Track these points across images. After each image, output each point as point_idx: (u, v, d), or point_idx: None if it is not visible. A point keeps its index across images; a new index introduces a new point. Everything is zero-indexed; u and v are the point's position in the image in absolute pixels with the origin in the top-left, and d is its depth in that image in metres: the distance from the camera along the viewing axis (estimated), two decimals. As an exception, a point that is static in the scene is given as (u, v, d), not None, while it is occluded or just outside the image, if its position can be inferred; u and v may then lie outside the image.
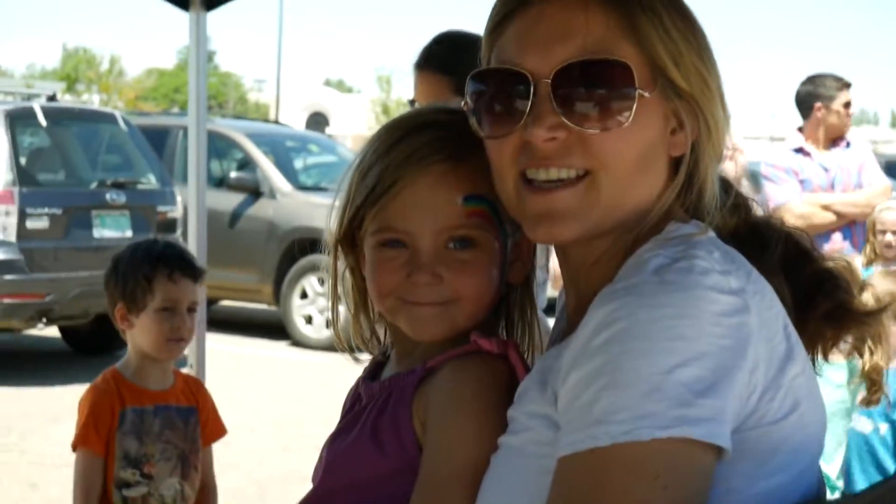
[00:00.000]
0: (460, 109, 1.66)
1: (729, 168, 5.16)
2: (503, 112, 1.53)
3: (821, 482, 1.51)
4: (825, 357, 1.60)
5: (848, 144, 6.87)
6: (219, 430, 3.73)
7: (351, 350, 1.84)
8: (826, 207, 6.63)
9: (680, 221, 1.52)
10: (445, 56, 3.39)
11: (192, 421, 3.58)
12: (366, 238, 1.70)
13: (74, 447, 3.44)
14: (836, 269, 1.63)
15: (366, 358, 1.85)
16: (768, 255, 1.58)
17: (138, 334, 3.50)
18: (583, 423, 1.35)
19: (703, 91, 1.52)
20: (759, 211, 1.66)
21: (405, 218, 1.65)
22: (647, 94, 1.48)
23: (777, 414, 1.40)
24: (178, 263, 3.54)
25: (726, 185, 1.61)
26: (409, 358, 1.72)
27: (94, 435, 3.40)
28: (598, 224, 1.50)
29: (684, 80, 1.50)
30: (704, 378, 1.32)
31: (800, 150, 6.81)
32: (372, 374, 1.81)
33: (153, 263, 3.49)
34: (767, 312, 1.42)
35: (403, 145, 1.66)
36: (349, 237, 1.74)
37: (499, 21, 1.56)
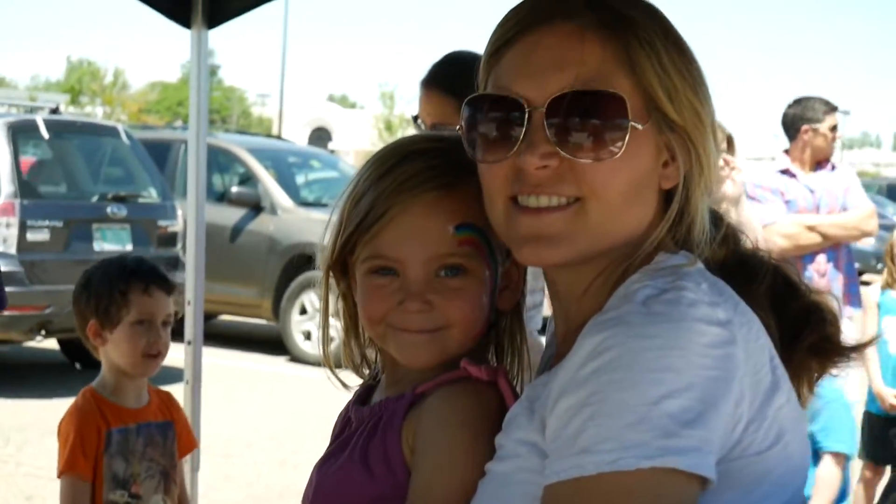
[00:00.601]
0: (452, 137, 1.67)
1: (729, 187, 5.14)
2: (497, 138, 1.54)
3: (806, 513, 1.52)
4: (811, 389, 1.61)
5: (833, 168, 6.89)
6: (191, 443, 3.71)
7: (340, 371, 1.84)
8: (811, 228, 6.65)
9: (669, 252, 1.54)
10: (452, 76, 3.39)
11: (171, 435, 3.54)
12: (357, 264, 1.71)
13: (60, 474, 3.35)
14: (822, 302, 1.64)
15: (355, 382, 1.85)
16: (756, 286, 1.58)
17: (112, 350, 3.43)
18: (569, 452, 1.35)
19: (697, 125, 1.53)
20: (748, 243, 1.67)
21: (396, 246, 1.66)
22: (640, 127, 1.49)
23: (762, 445, 1.41)
24: (153, 277, 3.49)
25: (716, 218, 1.62)
26: (400, 383, 1.72)
27: (81, 459, 3.32)
28: (585, 250, 1.51)
29: (678, 115, 1.52)
30: (691, 409, 1.33)
31: (785, 172, 6.83)
32: (362, 398, 1.81)
33: (127, 278, 3.44)
34: (754, 344, 1.43)
35: (396, 173, 1.67)
36: (341, 263, 1.75)
37: (497, 47, 1.57)
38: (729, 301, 1.46)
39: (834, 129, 6.83)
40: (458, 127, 1.62)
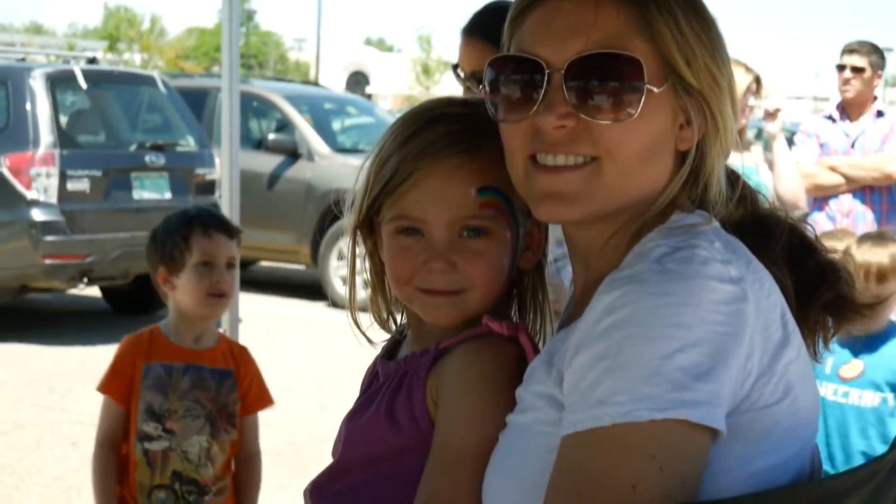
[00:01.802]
0: (476, 101, 1.72)
1: (772, 127, 5.49)
2: (518, 99, 1.58)
3: (816, 464, 1.56)
4: (826, 346, 1.65)
5: (880, 114, 6.87)
6: (263, 401, 3.80)
7: (377, 325, 1.90)
8: (833, 169, 6.65)
9: (685, 212, 1.57)
10: (493, 25, 3.39)
11: (228, 384, 3.65)
12: (383, 224, 1.77)
13: (100, 391, 3.61)
14: (838, 261, 1.67)
15: (381, 338, 1.91)
16: (772, 245, 1.62)
17: (180, 294, 3.60)
18: (585, 404, 1.40)
19: (714, 89, 1.57)
20: (764, 203, 1.71)
21: (421, 207, 1.71)
22: (656, 90, 1.52)
23: (770, 398, 1.45)
24: (212, 220, 3.68)
25: (733, 179, 1.65)
26: (425, 338, 1.78)
27: (114, 383, 3.57)
28: (601, 209, 1.55)
29: (695, 79, 1.55)
30: (702, 363, 1.37)
31: (829, 117, 6.91)
32: (389, 352, 1.87)
33: (188, 223, 3.63)
34: (765, 301, 1.47)
35: (419, 138, 1.72)
36: (367, 222, 1.81)
37: (520, 10, 1.62)
38: (742, 259, 1.49)
39: (857, 70, 6.81)
40: (480, 87, 1.66)
